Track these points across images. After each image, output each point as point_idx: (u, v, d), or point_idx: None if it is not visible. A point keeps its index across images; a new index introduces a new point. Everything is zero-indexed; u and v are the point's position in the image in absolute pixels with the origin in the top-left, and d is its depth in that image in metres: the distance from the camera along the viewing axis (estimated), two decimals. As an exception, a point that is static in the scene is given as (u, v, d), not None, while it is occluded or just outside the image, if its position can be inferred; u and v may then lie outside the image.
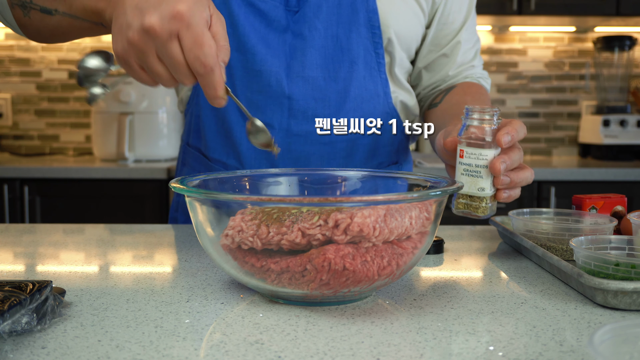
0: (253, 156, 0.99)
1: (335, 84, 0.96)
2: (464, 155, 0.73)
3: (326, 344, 0.50)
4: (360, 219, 0.55)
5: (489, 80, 1.11)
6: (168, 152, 2.52)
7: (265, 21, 0.95)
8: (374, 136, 1.01)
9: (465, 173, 0.73)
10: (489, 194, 0.73)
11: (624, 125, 2.63)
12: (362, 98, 0.98)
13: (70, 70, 2.87)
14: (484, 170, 0.72)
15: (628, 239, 0.69)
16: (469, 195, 0.74)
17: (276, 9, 0.94)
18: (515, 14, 2.56)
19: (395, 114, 1.02)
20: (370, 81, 0.99)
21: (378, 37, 0.97)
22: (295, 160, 0.98)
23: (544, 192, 2.35)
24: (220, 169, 1.02)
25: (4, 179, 2.31)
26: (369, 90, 0.99)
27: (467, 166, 0.73)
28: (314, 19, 0.95)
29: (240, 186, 0.75)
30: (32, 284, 0.53)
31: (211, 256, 0.62)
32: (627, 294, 0.58)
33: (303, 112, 0.96)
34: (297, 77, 0.95)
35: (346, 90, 0.97)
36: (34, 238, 0.94)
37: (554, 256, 0.70)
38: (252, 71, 0.95)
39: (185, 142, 1.10)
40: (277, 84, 0.95)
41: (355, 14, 0.96)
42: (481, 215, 0.74)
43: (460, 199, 0.75)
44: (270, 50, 0.95)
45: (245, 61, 0.95)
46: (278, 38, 0.95)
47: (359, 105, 0.98)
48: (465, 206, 0.74)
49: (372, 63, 0.98)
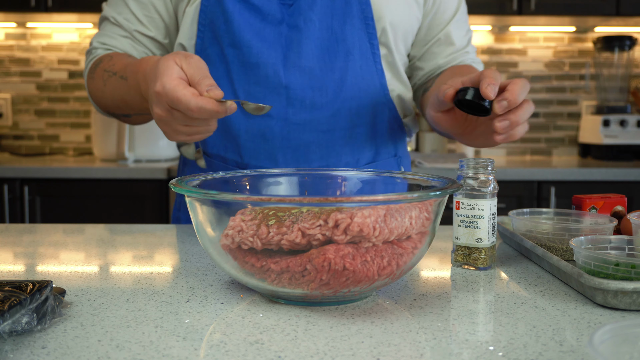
0: (252, 147, 0.99)
1: (332, 73, 0.97)
2: (460, 206, 0.73)
3: (326, 344, 0.50)
4: (360, 219, 0.55)
5: (482, 67, 1.11)
6: (168, 152, 2.52)
7: (259, 16, 0.96)
8: (371, 125, 1.02)
9: (462, 224, 0.74)
10: (488, 245, 0.73)
11: (624, 125, 2.63)
12: (358, 87, 0.99)
13: (70, 70, 2.87)
14: (481, 221, 0.72)
15: (628, 239, 0.69)
16: (467, 247, 0.74)
17: (270, 3, 0.96)
18: (515, 14, 2.56)
19: (391, 105, 1.03)
20: (366, 71, 0.99)
21: (372, 28, 0.98)
22: (294, 149, 0.98)
23: (544, 192, 2.35)
24: (220, 163, 1.02)
25: (4, 179, 2.31)
26: (366, 80, 1.00)
27: (464, 217, 0.73)
28: (309, 11, 0.96)
29: (240, 186, 0.75)
30: (32, 284, 0.53)
31: (211, 256, 0.62)
32: (627, 294, 0.58)
33: (301, 101, 0.97)
34: (293, 67, 0.96)
35: (343, 80, 0.98)
36: (34, 238, 0.94)
37: (554, 256, 0.70)
38: (248, 64, 0.96)
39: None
40: (275, 75, 0.96)
41: (349, 6, 0.97)
42: (480, 267, 0.74)
43: (458, 251, 0.75)
44: (266, 43, 0.96)
45: (242, 55, 0.96)
46: (273, 31, 0.96)
47: (356, 94, 0.99)
48: (464, 258, 0.74)
49: (368, 54, 0.99)
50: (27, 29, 2.85)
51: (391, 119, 1.05)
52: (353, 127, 1.00)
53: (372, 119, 1.02)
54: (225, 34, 0.96)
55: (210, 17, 0.96)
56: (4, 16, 2.72)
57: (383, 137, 1.04)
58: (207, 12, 0.96)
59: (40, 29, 2.85)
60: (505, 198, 2.35)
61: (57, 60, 2.86)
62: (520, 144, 2.91)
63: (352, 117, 1.00)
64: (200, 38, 0.97)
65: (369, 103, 1.01)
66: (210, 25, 0.96)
